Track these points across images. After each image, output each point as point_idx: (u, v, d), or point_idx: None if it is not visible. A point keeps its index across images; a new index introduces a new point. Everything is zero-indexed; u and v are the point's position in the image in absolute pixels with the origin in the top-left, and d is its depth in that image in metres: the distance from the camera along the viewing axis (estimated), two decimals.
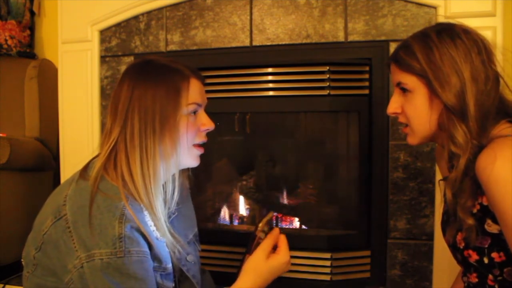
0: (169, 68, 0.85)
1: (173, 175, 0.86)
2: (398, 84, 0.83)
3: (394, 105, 0.85)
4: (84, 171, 0.83)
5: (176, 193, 0.86)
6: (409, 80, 0.80)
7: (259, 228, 0.83)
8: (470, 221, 0.74)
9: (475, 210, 0.75)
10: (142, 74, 0.84)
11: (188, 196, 1.05)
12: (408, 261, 1.44)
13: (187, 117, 0.84)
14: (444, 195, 0.91)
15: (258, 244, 0.83)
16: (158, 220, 0.80)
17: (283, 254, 0.83)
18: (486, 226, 0.73)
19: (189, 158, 0.88)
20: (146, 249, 0.76)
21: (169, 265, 0.84)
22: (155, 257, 0.79)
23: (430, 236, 1.40)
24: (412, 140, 0.86)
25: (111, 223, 0.73)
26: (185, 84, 0.84)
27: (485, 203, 0.73)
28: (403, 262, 1.44)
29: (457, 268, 0.94)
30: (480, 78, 0.74)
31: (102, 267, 0.71)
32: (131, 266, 0.72)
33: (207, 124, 0.89)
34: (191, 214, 1.04)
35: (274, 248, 0.85)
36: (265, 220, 0.84)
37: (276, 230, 0.85)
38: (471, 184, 0.74)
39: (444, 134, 0.78)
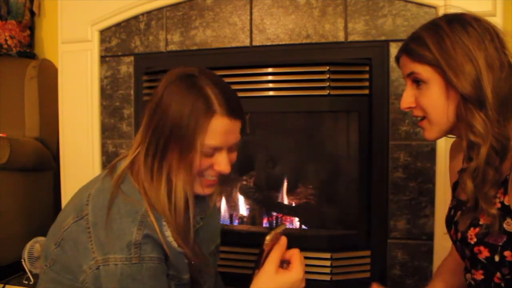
0: (200, 93, 0.77)
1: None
2: (410, 75, 0.80)
3: (408, 99, 0.81)
4: (112, 169, 0.82)
5: (193, 208, 0.81)
6: (423, 70, 0.77)
7: (266, 242, 0.74)
8: (493, 211, 0.71)
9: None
10: (175, 88, 0.78)
11: (215, 208, 1.02)
12: (408, 261, 1.44)
13: (201, 154, 0.77)
14: (453, 190, 0.89)
15: (266, 258, 0.76)
16: (174, 231, 0.78)
17: (296, 270, 0.74)
18: (505, 225, 0.71)
19: (199, 187, 0.83)
20: (161, 255, 0.76)
21: (186, 276, 0.82)
22: (171, 266, 0.79)
23: (430, 236, 1.40)
24: (430, 134, 0.81)
25: (130, 229, 0.72)
26: (206, 121, 0.75)
27: (506, 202, 0.71)
28: (403, 262, 1.44)
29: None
30: (495, 65, 0.72)
31: (116, 273, 0.71)
32: (146, 273, 0.72)
33: (222, 167, 0.81)
34: (216, 226, 1.03)
35: (288, 263, 0.77)
36: (273, 232, 0.75)
37: (283, 240, 0.77)
38: (494, 174, 0.72)
39: (463, 124, 0.76)
